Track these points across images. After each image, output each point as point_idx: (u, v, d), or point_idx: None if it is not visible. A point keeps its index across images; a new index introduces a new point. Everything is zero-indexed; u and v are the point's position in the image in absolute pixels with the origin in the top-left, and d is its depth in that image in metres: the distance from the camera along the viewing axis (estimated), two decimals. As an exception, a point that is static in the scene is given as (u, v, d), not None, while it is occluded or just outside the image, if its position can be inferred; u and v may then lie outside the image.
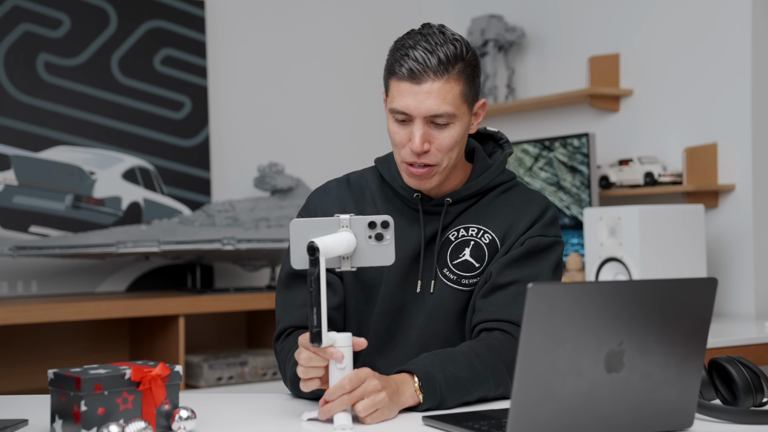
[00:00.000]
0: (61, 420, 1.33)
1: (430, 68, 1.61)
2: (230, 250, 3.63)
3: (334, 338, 1.41)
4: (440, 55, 1.61)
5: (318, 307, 1.38)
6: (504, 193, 1.78)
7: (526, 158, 3.80)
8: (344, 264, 1.49)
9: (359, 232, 1.48)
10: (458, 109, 1.64)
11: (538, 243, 1.72)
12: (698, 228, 3.19)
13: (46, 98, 3.72)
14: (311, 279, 1.40)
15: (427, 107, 1.62)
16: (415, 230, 1.75)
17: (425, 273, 1.74)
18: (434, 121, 1.64)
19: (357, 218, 1.48)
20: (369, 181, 1.82)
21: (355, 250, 1.48)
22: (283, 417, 1.51)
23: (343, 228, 1.47)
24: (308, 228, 1.47)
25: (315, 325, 1.38)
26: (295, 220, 1.47)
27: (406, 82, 1.63)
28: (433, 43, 1.63)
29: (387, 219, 1.48)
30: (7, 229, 3.60)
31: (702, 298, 1.29)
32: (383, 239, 1.49)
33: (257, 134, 4.18)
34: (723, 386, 1.50)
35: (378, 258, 1.49)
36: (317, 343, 1.38)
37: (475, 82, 1.68)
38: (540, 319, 1.18)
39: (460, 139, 1.67)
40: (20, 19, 3.67)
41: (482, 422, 1.36)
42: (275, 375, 3.70)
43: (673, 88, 3.55)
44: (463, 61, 1.64)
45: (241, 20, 4.18)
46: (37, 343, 3.63)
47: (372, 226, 1.48)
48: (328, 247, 1.43)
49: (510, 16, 4.18)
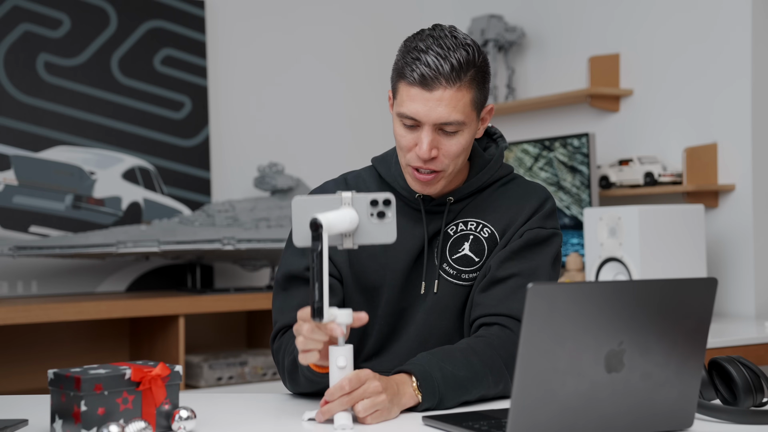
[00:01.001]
0: (61, 420, 1.33)
1: (443, 75, 1.58)
2: (230, 250, 3.63)
3: (335, 314, 1.41)
4: (453, 61, 1.58)
5: (320, 283, 1.38)
6: (503, 187, 1.77)
7: (526, 158, 3.80)
8: (346, 242, 1.48)
9: (361, 210, 1.48)
10: (468, 117, 1.62)
11: (536, 235, 1.71)
12: (698, 228, 3.19)
13: (46, 98, 3.72)
14: (314, 255, 1.39)
15: (437, 115, 1.60)
16: (418, 230, 1.74)
17: (429, 273, 1.73)
18: (443, 129, 1.62)
19: (359, 196, 1.48)
20: (366, 180, 1.80)
21: (357, 227, 1.48)
22: (283, 417, 1.51)
23: (345, 205, 1.47)
24: (310, 205, 1.46)
25: (317, 300, 1.38)
26: (297, 198, 1.47)
27: (417, 88, 1.60)
28: (445, 48, 1.59)
29: (389, 197, 1.47)
30: (7, 229, 3.60)
31: (702, 298, 1.29)
32: (385, 217, 1.48)
33: (257, 134, 4.18)
34: (723, 386, 1.50)
35: (380, 236, 1.49)
36: (319, 317, 1.38)
37: (485, 88, 1.66)
38: (540, 319, 1.18)
39: (467, 145, 1.65)
40: (20, 19, 3.67)
41: (482, 422, 1.36)
42: (275, 375, 3.70)
43: (673, 88, 3.55)
44: (475, 67, 1.61)
45: (241, 20, 4.18)
46: (37, 343, 3.64)
47: (374, 203, 1.47)
48: (331, 222, 1.43)
49: (510, 16, 4.18)
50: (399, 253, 1.72)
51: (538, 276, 1.69)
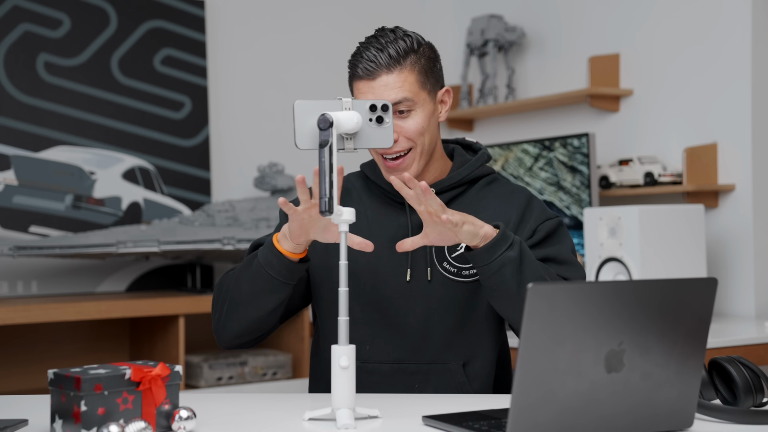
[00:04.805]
0: (61, 420, 1.33)
1: (383, 63, 1.72)
2: (230, 250, 3.63)
3: (341, 210, 1.45)
4: (390, 51, 1.72)
5: (330, 176, 1.41)
6: (487, 186, 1.86)
7: (526, 158, 3.80)
8: (347, 144, 1.54)
9: (360, 114, 1.55)
10: (416, 96, 1.73)
11: (549, 227, 1.80)
12: (698, 228, 3.19)
13: (46, 98, 3.72)
14: (324, 149, 1.45)
15: (384, 98, 1.69)
16: (401, 219, 1.81)
17: (417, 261, 1.78)
18: (397, 111, 1.72)
19: (358, 101, 1.55)
20: (354, 182, 1.89)
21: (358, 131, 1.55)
22: (283, 417, 1.51)
23: (346, 109, 1.53)
24: (312, 108, 1.52)
25: (326, 194, 1.41)
26: (299, 101, 1.53)
27: (364, 81, 1.74)
28: (383, 42, 1.74)
29: (387, 102, 1.57)
30: (7, 229, 3.60)
31: (702, 298, 1.29)
32: (383, 122, 1.56)
33: (257, 134, 4.18)
34: (723, 386, 1.50)
35: (378, 140, 1.56)
36: (328, 211, 1.41)
37: (434, 72, 1.77)
38: (540, 319, 1.18)
39: (426, 124, 1.75)
40: (20, 19, 3.67)
41: (482, 422, 1.36)
42: (275, 375, 3.70)
43: (673, 88, 3.55)
44: (415, 53, 1.74)
45: (242, 20, 4.18)
46: (37, 343, 3.64)
47: (373, 108, 1.56)
48: (340, 119, 1.50)
49: (510, 16, 4.18)
50: (383, 240, 1.79)
51: (568, 255, 1.79)
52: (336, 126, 1.48)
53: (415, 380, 1.77)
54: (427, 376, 1.77)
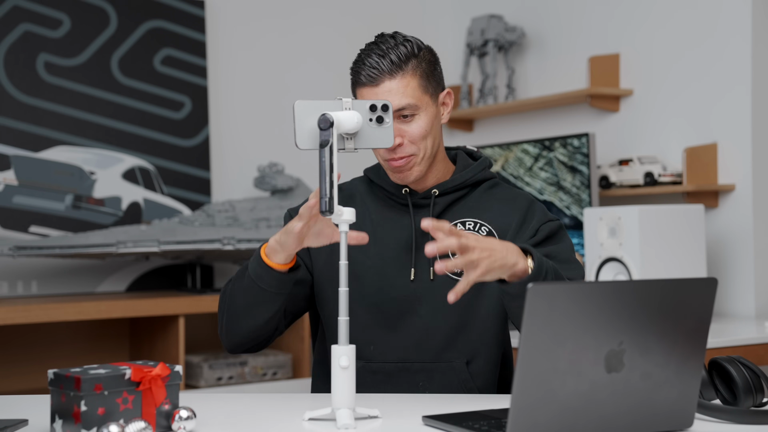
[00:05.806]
0: (61, 420, 1.33)
1: (385, 69, 1.74)
2: (230, 250, 3.63)
3: (341, 210, 1.46)
4: (392, 57, 1.75)
5: (331, 177, 1.42)
6: (490, 190, 1.89)
7: (526, 158, 3.80)
8: (347, 144, 1.55)
9: (360, 114, 1.55)
10: (419, 101, 1.76)
11: (551, 228, 1.83)
12: (698, 228, 3.19)
13: (46, 98, 3.72)
14: (324, 149, 1.45)
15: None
16: (405, 221, 1.83)
17: (421, 261, 1.80)
18: (401, 115, 1.75)
19: (358, 101, 1.56)
20: (357, 186, 1.92)
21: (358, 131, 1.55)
22: (283, 417, 1.51)
23: (346, 109, 1.53)
24: (312, 108, 1.52)
25: (327, 194, 1.42)
26: (300, 101, 1.53)
27: (367, 87, 1.76)
28: (384, 48, 1.76)
29: (387, 102, 1.58)
30: (7, 229, 3.60)
31: (702, 298, 1.29)
32: (383, 122, 1.57)
33: (257, 134, 4.18)
34: (723, 386, 1.50)
35: (378, 140, 1.56)
36: (329, 212, 1.41)
37: (434, 75, 1.80)
38: (540, 319, 1.18)
39: (429, 128, 1.78)
40: (20, 19, 3.67)
41: (482, 422, 1.36)
42: (275, 375, 3.70)
43: (674, 89, 3.55)
44: (416, 57, 1.77)
45: (242, 20, 4.18)
46: (37, 343, 3.64)
47: (373, 108, 1.56)
48: (340, 119, 1.50)
49: (510, 16, 4.18)
50: (388, 242, 1.81)
51: (569, 255, 1.81)
52: (336, 126, 1.48)
53: (419, 379, 1.78)
54: (431, 375, 1.78)
